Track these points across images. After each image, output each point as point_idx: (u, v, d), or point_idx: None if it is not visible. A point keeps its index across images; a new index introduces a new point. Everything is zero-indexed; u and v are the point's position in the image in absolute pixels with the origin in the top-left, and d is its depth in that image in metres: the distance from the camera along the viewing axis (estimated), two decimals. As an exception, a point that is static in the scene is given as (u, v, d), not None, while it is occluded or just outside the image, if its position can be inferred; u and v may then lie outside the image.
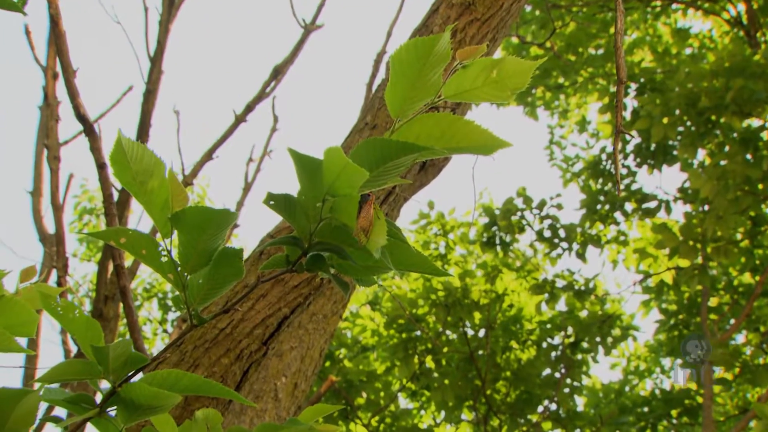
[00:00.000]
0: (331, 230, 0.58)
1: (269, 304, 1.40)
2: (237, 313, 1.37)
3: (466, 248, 5.10)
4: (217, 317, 1.11)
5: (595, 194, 4.61)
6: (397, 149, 0.54)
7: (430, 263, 0.61)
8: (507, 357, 4.51)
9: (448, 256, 4.91)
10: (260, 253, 1.47)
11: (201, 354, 1.36)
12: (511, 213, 4.58)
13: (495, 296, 4.62)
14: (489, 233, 4.76)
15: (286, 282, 1.44)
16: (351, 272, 0.63)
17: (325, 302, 1.70)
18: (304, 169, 0.55)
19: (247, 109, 3.00)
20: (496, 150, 0.57)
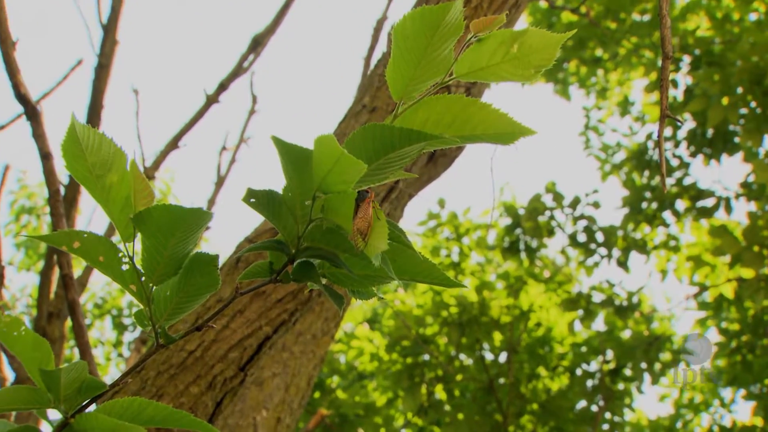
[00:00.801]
0: (322, 233, 0.59)
1: (248, 321, 1.42)
2: (209, 332, 1.39)
3: (483, 255, 5.13)
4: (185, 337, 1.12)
5: (640, 190, 4.62)
6: (401, 138, 0.55)
7: (440, 272, 0.63)
8: (533, 386, 4.53)
9: (462, 265, 4.94)
10: (237, 261, 1.48)
11: (165, 382, 1.37)
12: (539, 213, 4.61)
13: (519, 313, 4.65)
14: (511, 237, 4.79)
15: (268, 295, 1.45)
16: (346, 283, 0.64)
17: (315, 320, 1.72)
18: (291, 161, 0.57)
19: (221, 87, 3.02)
20: (518, 138, 0.59)
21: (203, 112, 2.98)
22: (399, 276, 0.62)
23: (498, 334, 4.64)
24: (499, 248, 4.88)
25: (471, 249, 5.03)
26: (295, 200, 0.59)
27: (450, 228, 5.05)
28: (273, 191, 0.61)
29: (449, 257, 4.97)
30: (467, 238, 5.03)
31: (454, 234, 5.01)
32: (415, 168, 1.59)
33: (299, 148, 0.56)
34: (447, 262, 4.95)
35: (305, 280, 0.62)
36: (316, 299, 1.60)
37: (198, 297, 0.60)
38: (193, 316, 1.41)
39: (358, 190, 0.58)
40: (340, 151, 0.53)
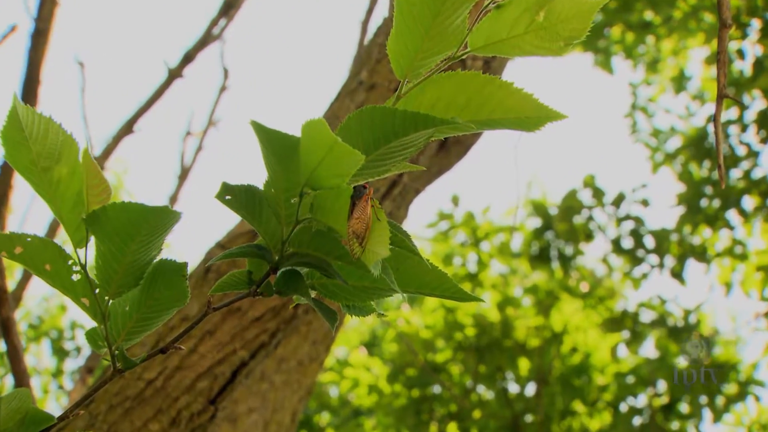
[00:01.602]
0: (311, 236, 0.61)
1: (219, 344, 1.44)
2: (172, 357, 1.40)
3: (507, 264, 5.15)
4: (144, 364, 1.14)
5: (699, 184, 4.62)
6: (405, 123, 0.57)
7: (452, 284, 0.65)
8: (568, 425, 4.54)
9: (480, 276, 4.96)
10: (206, 271, 1.50)
11: (119, 417, 1.39)
12: (574, 212, 4.63)
13: (550, 335, 4.67)
14: (541, 242, 4.81)
15: (244, 313, 1.47)
16: (339, 296, 0.66)
17: (301, 342, 1.74)
18: (274, 150, 0.58)
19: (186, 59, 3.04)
20: (545, 124, 0.61)
21: (164, 89, 3.01)
22: (403, 288, 0.64)
23: (524, 361, 4.66)
24: (525, 256, 4.90)
25: (491, 257, 5.05)
26: (279, 197, 0.60)
27: (466, 231, 5.07)
28: (252, 186, 0.62)
29: (465, 267, 4.99)
30: (487, 244, 5.05)
31: (471, 238, 5.03)
32: (423, 158, 1.61)
33: (283, 134, 0.57)
34: (462, 272, 4.97)
35: (291, 293, 0.64)
36: (302, 317, 1.62)
37: (162, 313, 0.62)
38: (153, 338, 1.43)
39: (354, 185, 0.59)
40: (332, 139, 0.54)
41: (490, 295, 4.94)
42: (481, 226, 5.07)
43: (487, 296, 4.93)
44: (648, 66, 5.66)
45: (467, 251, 5.04)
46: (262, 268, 0.65)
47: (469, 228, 5.04)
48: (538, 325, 4.72)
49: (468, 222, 5.04)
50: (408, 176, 1.60)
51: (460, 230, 5.05)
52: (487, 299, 4.91)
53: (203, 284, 1.47)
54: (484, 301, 0.65)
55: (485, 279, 4.99)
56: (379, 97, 1.60)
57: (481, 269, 5.00)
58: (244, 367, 1.46)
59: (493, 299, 4.90)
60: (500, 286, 4.98)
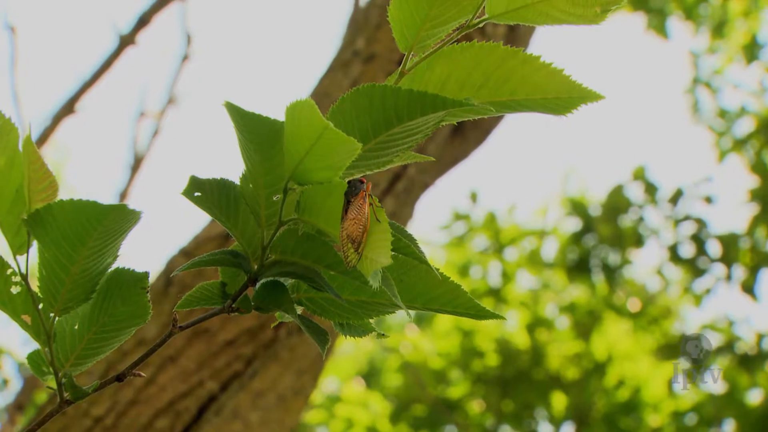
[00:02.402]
0: (297, 241, 0.63)
1: (183, 373, 1.46)
2: (125, 389, 1.43)
3: (538, 276, 5.17)
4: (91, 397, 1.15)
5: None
6: (410, 105, 0.59)
7: (468, 298, 0.66)
8: (613, 476, 4.56)
9: (505, 291, 4.97)
10: (167, 284, 1.52)
11: (61, 463, 1.41)
12: (621, 212, 4.65)
13: (591, 365, 4.68)
14: (581, 249, 4.82)
15: (214, 334, 1.50)
16: (331, 313, 0.68)
17: (282, 372, 1.75)
18: (253, 138, 0.60)
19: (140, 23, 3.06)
20: (578, 106, 0.62)
21: (113, 59, 3.03)
22: (408, 303, 0.65)
23: (559, 397, 4.67)
24: (561, 266, 4.92)
25: (518, 267, 5.06)
26: (259, 194, 0.62)
27: (487, 235, 5.08)
28: (226, 181, 0.64)
29: (485, 279, 5.00)
30: (513, 251, 5.07)
31: (493, 244, 5.05)
32: (433, 146, 1.63)
33: (264, 118, 0.59)
34: (482, 287, 4.98)
35: (272, 309, 0.65)
36: (284, 341, 1.64)
37: (119, 332, 0.64)
38: (102, 366, 1.45)
39: (349, 179, 0.60)
40: (322, 124, 0.55)
41: (516, 315, 4.96)
42: (505, 230, 5.09)
43: (512, 316, 4.95)
44: (713, 30, 5.65)
45: (488, 260, 5.05)
46: (239, 280, 0.66)
47: (491, 231, 5.06)
48: (577, 353, 4.73)
49: (489, 224, 5.06)
50: (414, 168, 1.62)
51: (480, 234, 5.07)
52: (512, 319, 4.92)
53: (163, 300, 1.49)
54: (506, 319, 0.66)
55: (511, 295, 5.00)
56: (379, 71, 1.62)
57: (506, 283, 5.01)
58: (213, 401, 1.48)
59: (520, 320, 4.91)
60: (529, 304, 4.99)
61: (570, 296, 5.05)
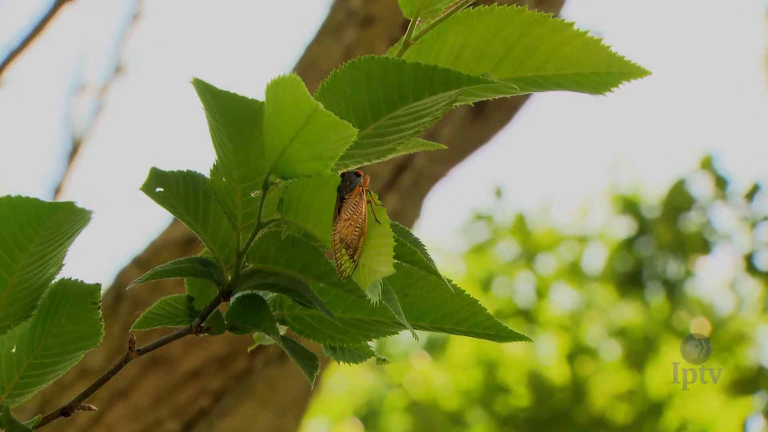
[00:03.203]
0: (280, 246, 0.64)
1: (136, 410, 1.47)
2: (67, 429, 1.44)
3: (580, 292, 5.16)
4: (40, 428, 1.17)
5: None
6: (417, 82, 0.60)
7: (486, 315, 0.66)
8: None
9: (537, 310, 4.96)
10: (117, 299, 1.54)
11: None
12: (682, 210, 4.64)
13: (647, 405, 4.67)
14: (633, 258, 4.82)
15: (175, 363, 1.51)
16: (320, 334, 0.68)
17: (258, 410, 1.76)
18: (227, 121, 0.61)
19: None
20: (619, 83, 0.63)
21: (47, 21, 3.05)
22: (414, 322, 0.66)
23: (606, 444, 4.67)
24: (609, 279, 4.91)
25: (555, 280, 5.06)
26: (234, 189, 0.63)
27: (516, 239, 5.07)
28: (194, 174, 0.65)
29: (511, 296, 5.00)
30: (547, 260, 5.07)
31: (524, 251, 5.04)
32: (446, 130, 1.65)
33: (240, 98, 0.60)
34: (509, 307, 4.98)
35: (250, 329, 0.66)
36: (261, 372, 1.65)
37: (64, 357, 0.65)
38: (36, 401, 1.47)
39: (343, 172, 0.61)
40: (311, 105, 0.56)
41: (552, 342, 4.96)
42: (538, 234, 5.08)
43: (547, 342, 4.94)
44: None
45: (515, 271, 5.04)
46: (209, 293, 0.67)
47: (520, 236, 5.05)
48: (631, 390, 4.73)
49: (518, 227, 5.06)
50: (423, 157, 1.63)
51: (506, 239, 5.07)
52: (547, 346, 4.92)
53: (112, 320, 1.51)
54: (532, 340, 0.67)
55: (545, 316, 5.00)
56: (379, 37, 1.64)
57: (539, 300, 5.01)
58: (173, 447, 1.49)
59: (557, 348, 4.90)
60: (569, 328, 4.99)
61: (620, 317, 5.05)
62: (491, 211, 5.09)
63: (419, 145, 0.71)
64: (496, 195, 5.07)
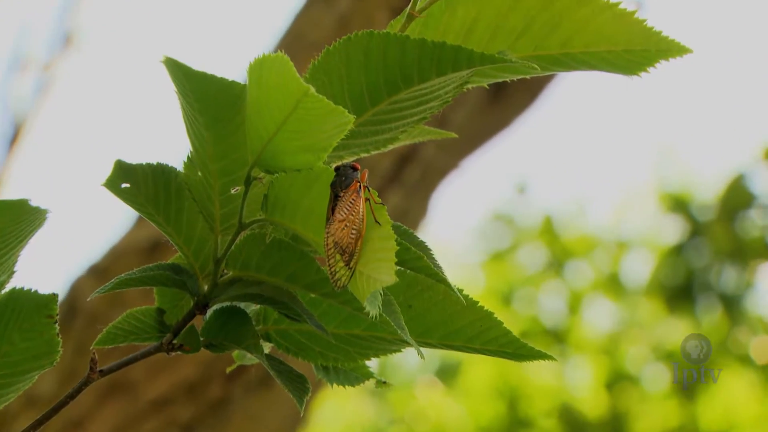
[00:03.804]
0: (264, 251, 0.65)
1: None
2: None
3: (619, 305, 5.15)
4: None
5: None
6: (423, 61, 0.61)
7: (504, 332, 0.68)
8: None
9: (566, 329, 4.95)
10: (70, 314, 1.54)
11: None
12: (741, 209, 4.64)
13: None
14: (682, 267, 4.81)
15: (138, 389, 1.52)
16: (310, 352, 0.70)
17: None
18: (203, 107, 0.62)
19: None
20: (655, 62, 0.65)
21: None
22: (420, 338, 0.67)
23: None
24: (654, 292, 4.90)
25: (590, 293, 5.05)
26: (211, 185, 0.64)
27: (543, 242, 5.05)
28: (166, 167, 0.66)
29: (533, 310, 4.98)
30: (580, 268, 5.06)
31: (552, 259, 5.04)
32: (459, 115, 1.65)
33: (219, 80, 0.61)
34: (535, 325, 4.96)
35: (230, 347, 0.68)
36: (239, 401, 1.65)
37: (17, 379, 0.66)
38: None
39: (337, 165, 0.62)
40: (300, 88, 0.57)
41: (587, 366, 4.95)
42: (569, 238, 5.08)
43: (581, 366, 4.93)
44: None
45: (541, 282, 5.03)
46: (182, 305, 0.69)
47: (547, 240, 5.05)
48: (679, 424, 4.73)
49: (546, 230, 5.05)
50: (431, 147, 1.64)
51: (531, 244, 5.06)
52: (581, 372, 4.91)
53: (64, 338, 1.51)
54: (554, 359, 0.67)
55: (578, 335, 5.00)
56: (378, 5, 1.64)
57: (571, 316, 5.01)
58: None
59: (594, 373, 4.90)
60: (607, 349, 4.99)
61: (667, 338, 5.04)
62: (513, 210, 5.09)
63: (425, 134, 0.72)
64: (519, 191, 5.06)
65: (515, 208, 5.08)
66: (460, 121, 1.67)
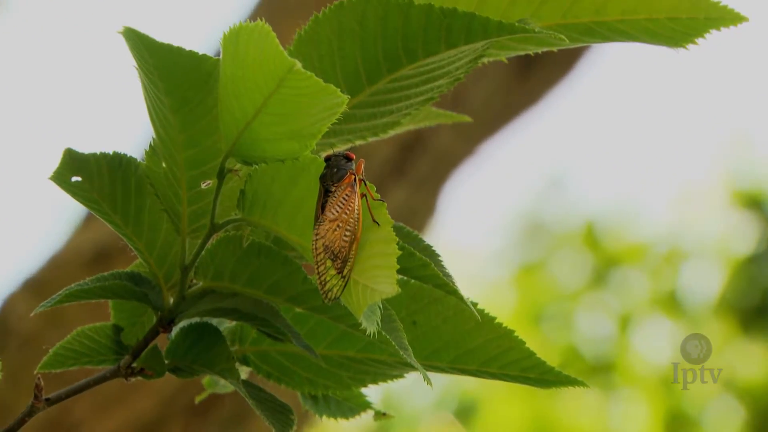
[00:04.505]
0: (240, 257, 0.67)
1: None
2: None
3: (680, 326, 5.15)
4: None
5: None
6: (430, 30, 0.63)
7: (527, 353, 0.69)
8: None
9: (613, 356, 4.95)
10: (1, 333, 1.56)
11: None
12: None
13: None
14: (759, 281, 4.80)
15: (84, 427, 1.53)
16: (296, 378, 0.72)
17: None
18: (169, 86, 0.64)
19: None
20: (705, 33, 0.66)
21: None
22: (426, 361, 0.69)
23: None
24: (723, 312, 4.91)
25: (642, 312, 5.05)
26: (178, 178, 0.66)
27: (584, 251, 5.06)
28: (123, 158, 0.68)
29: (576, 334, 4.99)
30: (631, 280, 5.07)
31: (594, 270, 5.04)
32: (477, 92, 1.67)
33: (188, 54, 0.63)
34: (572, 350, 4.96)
35: (200, 372, 0.69)
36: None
37: None
38: None
39: (327, 155, 0.64)
40: (284, 64, 0.58)
41: (640, 402, 4.95)
42: (616, 245, 5.08)
43: (631, 402, 4.94)
44: None
45: (583, 299, 5.04)
46: (143, 322, 0.71)
47: (590, 247, 5.05)
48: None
49: (587, 235, 5.04)
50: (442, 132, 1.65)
51: (569, 252, 5.08)
52: (630, 407, 4.92)
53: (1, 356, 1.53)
54: (586, 385, 0.69)
55: (626, 364, 5.00)
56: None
57: (619, 340, 5.00)
58: None
59: (648, 410, 4.90)
60: (665, 381, 4.98)
61: (741, 367, 5.04)
62: (545, 209, 5.09)
63: (433, 117, 0.74)
64: (552, 187, 5.07)
65: (548, 207, 5.07)
66: (477, 101, 1.67)
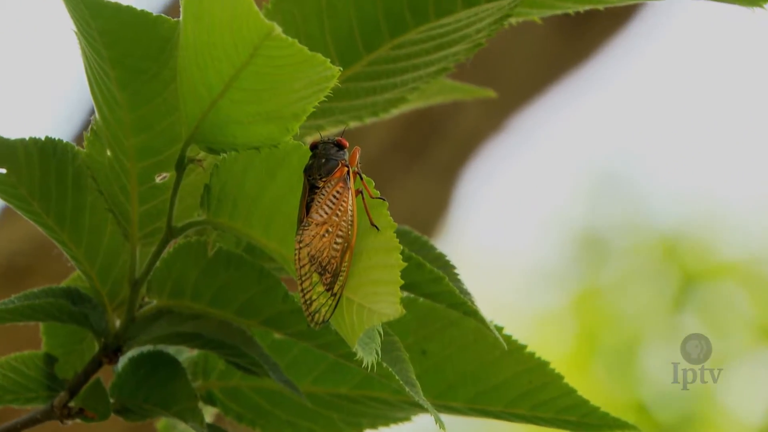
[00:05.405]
0: (205, 269, 0.70)
1: None
2: None
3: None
4: None
5: None
6: None
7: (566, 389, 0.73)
8: None
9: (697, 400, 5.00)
10: None
11: None
12: None
13: None
14: None
15: None
16: (273, 421, 0.74)
17: None
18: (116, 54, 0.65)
19: None
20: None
21: None
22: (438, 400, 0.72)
23: None
24: None
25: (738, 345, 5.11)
26: (126, 170, 0.69)
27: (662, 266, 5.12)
28: (58, 144, 0.71)
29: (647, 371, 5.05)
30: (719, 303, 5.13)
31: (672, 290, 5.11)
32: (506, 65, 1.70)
33: (140, 15, 0.66)
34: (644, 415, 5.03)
35: (153, 413, 0.74)
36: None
37: None
38: None
39: (314, 141, 0.67)
40: (261, 27, 0.61)
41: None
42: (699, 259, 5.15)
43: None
44: None
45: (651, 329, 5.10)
46: (82, 350, 0.75)
47: (666, 259, 5.12)
48: None
49: (661, 245, 5.11)
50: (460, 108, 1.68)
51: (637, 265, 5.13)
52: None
53: None
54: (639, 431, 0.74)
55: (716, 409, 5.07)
56: None
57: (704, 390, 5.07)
58: None
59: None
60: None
61: None
62: (599, 210, 5.15)
63: (448, 92, 0.78)
64: (608, 180, 5.12)
65: (604, 207, 5.13)
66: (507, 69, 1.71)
